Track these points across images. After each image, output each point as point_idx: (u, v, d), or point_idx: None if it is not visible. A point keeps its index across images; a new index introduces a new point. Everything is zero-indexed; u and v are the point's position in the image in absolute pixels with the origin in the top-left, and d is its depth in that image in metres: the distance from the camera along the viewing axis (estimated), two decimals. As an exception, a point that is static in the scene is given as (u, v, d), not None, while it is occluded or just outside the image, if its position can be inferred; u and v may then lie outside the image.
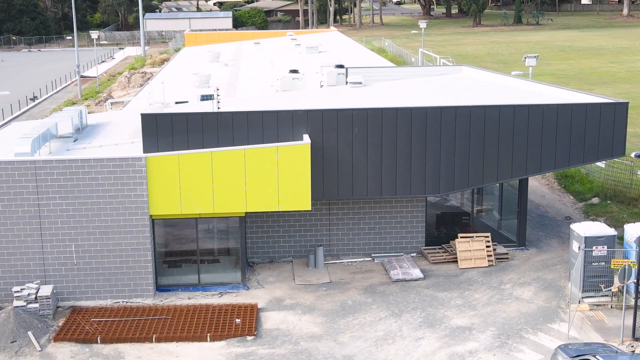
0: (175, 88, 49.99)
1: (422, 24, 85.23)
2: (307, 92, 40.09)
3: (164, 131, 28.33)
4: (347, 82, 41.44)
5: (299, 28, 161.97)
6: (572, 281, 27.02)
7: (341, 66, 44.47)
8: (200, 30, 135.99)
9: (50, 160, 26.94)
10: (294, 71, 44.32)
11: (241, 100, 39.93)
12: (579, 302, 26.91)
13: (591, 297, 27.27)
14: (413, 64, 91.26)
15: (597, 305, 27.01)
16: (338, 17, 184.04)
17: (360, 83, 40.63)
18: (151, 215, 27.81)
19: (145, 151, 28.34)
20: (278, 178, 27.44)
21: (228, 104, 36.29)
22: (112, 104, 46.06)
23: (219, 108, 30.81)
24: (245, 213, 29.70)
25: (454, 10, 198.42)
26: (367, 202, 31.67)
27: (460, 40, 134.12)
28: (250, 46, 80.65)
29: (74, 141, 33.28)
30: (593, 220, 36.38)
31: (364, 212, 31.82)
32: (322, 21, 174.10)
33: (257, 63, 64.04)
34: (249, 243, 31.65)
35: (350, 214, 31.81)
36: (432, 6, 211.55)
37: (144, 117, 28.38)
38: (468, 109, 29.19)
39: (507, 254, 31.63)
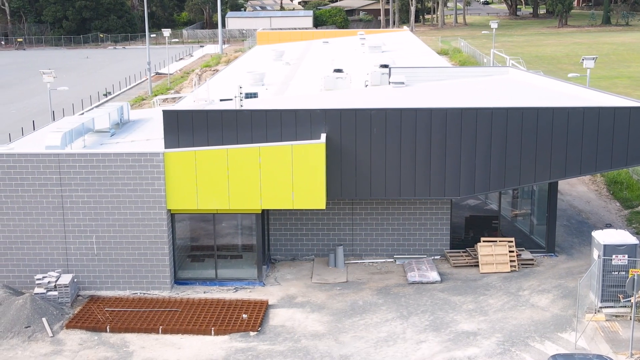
0: (231, 86, 50.75)
1: (494, 24, 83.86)
2: (347, 92, 40.07)
3: (185, 128, 28.90)
4: (389, 82, 41.24)
5: (379, 27, 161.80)
6: (579, 289, 26.07)
7: (385, 66, 44.29)
8: (280, 28, 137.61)
9: (72, 153, 27.89)
10: (338, 70, 44.40)
11: (280, 98, 40.26)
12: (595, 312, 26.11)
13: (610, 307, 26.38)
14: (484, 65, 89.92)
15: (616, 315, 26.10)
16: (421, 16, 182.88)
17: (403, 83, 40.33)
18: (169, 210, 28.43)
19: (166, 147, 28.98)
20: (292, 176, 27.62)
21: (263, 102, 36.65)
22: (160, 100, 47.12)
23: (241, 106, 31.19)
24: (263, 210, 30.05)
25: (542, 11, 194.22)
26: (391, 202, 31.51)
27: (541, 41, 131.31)
28: (318, 45, 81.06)
29: (111, 136, 34.38)
30: (635, 228, 35.23)
31: (388, 213, 31.67)
32: (404, 20, 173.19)
33: (318, 62, 64.30)
34: (272, 240, 31.97)
35: (374, 214, 31.71)
36: (519, 6, 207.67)
37: (165, 113, 29.05)
38: (489, 111, 28.67)
39: (532, 259, 30.91)
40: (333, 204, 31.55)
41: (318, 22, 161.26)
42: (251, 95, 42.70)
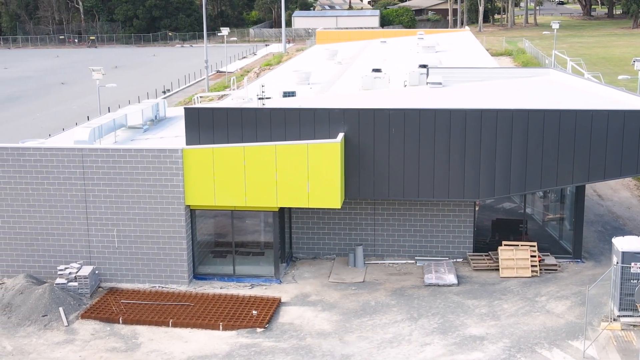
0: (278, 84, 51.15)
1: (555, 25, 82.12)
2: (382, 92, 39.94)
3: (206, 125, 29.33)
4: (427, 83, 40.93)
5: (447, 27, 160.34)
6: (588, 296, 25.38)
7: (424, 66, 43.96)
8: (346, 28, 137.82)
9: (95, 148, 28.62)
10: (377, 70, 44.30)
11: (316, 97, 40.39)
12: (611, 320, 25.42)
13: (629, 316, 25.63)
14: (545, 66, 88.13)
15: (634, 325, 25.35)
16: (490, 16, 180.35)
17: (440, 84, 39.98)
18: (188, 206, 28.88)
19: (187, 144, 29.47)
20: (308, 175, 27.71)
21: (289, 101, 36.82)
22: (201, 97, 47.83)
23: (263, 104, 31.44)
24: (283, 209, 30.24)
25: (618, 11, 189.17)
26: (414, 203, 31.29)
27: (612, 42, 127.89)
28: (375, 45, 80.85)
29: (144, 131, 35.14)
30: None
31: (410, 214, 31.46)
32: (473, 20, 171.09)
33: (370, 62, 64.15)
34: (294, 239, 32.13)
35: (396, 215, 31.54)
36: (593, 6, 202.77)
37: (187, 110, 29.53)
38: (510, 112, 28.19)
39: (556, 265, 30.26)
40: (355, 204, 31.53)
41: (385, 22, 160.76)
42: (289, 94, 43.00)
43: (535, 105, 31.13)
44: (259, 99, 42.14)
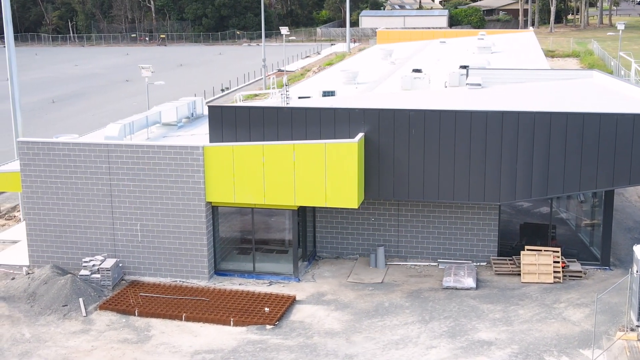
0: (326, 83, 51.41)
1: (620, 26, 79.97)
2: (419, 92, 39.73)
3: (229, 123, 29.72)
4: (466, 84, 40.52)
5: (518, 27, 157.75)
6: (596, 304, 24.67)
7: (465, 67, 43.47)
8: (414, 28, 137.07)
9: (120, 144, 29.32)
10: (417, 70, 44.00)
11: (354, 97, 40.41)
12: (627, 330, 24.72)
13: (649, 326, 24.91)
14: (610, 68, 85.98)
15: (654, 336, 24.62)
16: (563, 16, 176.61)
17: (479, 85, 39.55)
18: (210, 202, 29.31)
19: (211, 141, 29.92)
20: (326, 174, 27.80)
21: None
22: (243, 96, 48.37)
23: (287, 103, 31.64)
24: (305, 207, 30.40)
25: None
26: (438, 205, 31.03)
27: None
28: (433, 45, 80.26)
29: (178, 128, 35.83)
30: None
31: (434, 216, 31.21)
32: (545, 21, 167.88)
33: (423, 62, 63.76)
34: (318, 237, 32.25)
35: (420, 216, 31.33)
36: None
37: (211, 109, 29.97)
38: (532, 115, 27.68)
39: (581, 272, 29.55)
40: (379, 204, 31.46)
41: (453, 22, 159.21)
42: (328, 94, 43.16)
43: (562, 108, 30.46)
44: (299, 98, 42.47)
